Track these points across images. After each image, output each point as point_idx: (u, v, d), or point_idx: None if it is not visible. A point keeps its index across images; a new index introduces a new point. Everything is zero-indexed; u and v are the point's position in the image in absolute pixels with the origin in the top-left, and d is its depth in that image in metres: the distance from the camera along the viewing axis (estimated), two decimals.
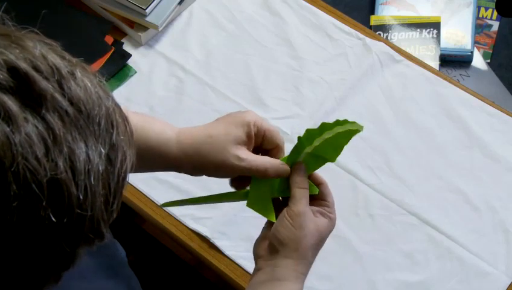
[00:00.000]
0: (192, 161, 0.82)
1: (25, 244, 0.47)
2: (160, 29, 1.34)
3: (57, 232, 0.48)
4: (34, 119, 0.47)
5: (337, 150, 0.82)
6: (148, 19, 1.33)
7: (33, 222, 0.47)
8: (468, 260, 1.13)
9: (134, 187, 1.20)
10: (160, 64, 1.34)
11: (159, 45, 1.36)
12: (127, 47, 1.35)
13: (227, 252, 1.14)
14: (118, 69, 1.32)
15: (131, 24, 1.36)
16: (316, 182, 0.85)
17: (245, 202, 1.21)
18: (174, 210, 1.18)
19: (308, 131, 0.80)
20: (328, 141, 0.79)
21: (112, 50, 1.33)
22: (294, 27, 1.37)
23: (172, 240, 1.19)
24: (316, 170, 0.85)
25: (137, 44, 1.36)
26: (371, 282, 1.12)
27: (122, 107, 0.56)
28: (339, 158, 0.84)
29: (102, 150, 0.50)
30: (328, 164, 0.84)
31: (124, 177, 0.54)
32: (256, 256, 0.84)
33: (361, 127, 0.78)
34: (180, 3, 1.36)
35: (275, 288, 0.80)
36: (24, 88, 0.47)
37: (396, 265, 1.13)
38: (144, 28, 1.35)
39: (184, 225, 1.17)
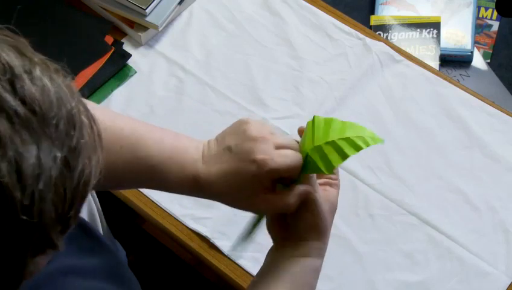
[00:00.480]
0: (217, 196, 0.79)
1: None
2: (160, 29, 1.34)
3: (1, 239, 0.46)
4: None
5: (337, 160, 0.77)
6: (148, 19, 1.33)
7: None
8: (468, 260, 1.13)
9: None
10: (160, 64, 1.34)
11: (159, 45, 1.36)
12: (127, 47, 1.35)
13: (227, 252, 1.14)
14: (118, 69, 1.32)
15: (131, 24, 1.36)
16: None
17: None
18: (174, 210, 1.18)
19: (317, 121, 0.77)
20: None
21: (112, 50, 1.33)
22: (294, 27, 1.37)
23: (172, 240, 1.18)
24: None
25: (137, 44, 1.36)
26: (371, 282, 1.12)
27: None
28: None
29: (58, 154, 0.47)
30: None
31: (87, 183, 0.50)
32: (273, 238, 0.83)
33: (381, 140, 0.77)
34: (180, 3, 1.36)
35: (292, 264, 0.80)
36: None
37: (396, 265, 1.13)
38: (143, 28, 1.35)
39: (184, 225, 1.17)
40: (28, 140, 0.46)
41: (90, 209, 1.10)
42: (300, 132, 0.81)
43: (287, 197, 0.75)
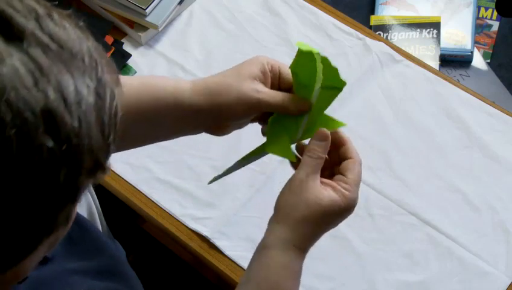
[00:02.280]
0: (208, 103, 0.80)
1: (28, 176, 0.47)
2: (160, 29, 1.34)
3: (58, 162, 0.48)
4: (18, 54, 0.47)
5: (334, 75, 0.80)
6: (148, 19, 1.33)
7: (33, 151, 0.47)
8: (468, 260, 1.13)
9: (134, 187, 1.20)
10: (160, 64, 1.34)
11: (159, 45, 1.36)
12: (127, 47, 1.35)
13: (227, 252, 1.14)
14: (118, 69, 1.31)
15: (131, 24, 1.36)
16: (338, 143, 0.80)
17: (244, 202, 1.22)
18: (174, 210, 1.18)
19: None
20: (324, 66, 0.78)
21: (112, 50, 1.33)
22: (294, 27, 1.37)
23: (172, 240, 1.19)
24: (330, 102, 0.82)
25: (137, 44, 1.36)
26: (371, 282, 1.12)
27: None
28: None
29: (90, 84, 0.51)
30: None
31: (116, 114, 0.54)
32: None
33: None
34: (180, 3, 1.36)
35: (261, 256, 0.78)
36: (3, 25, 0.48)
37: (396, 265, 1.13)
38: (144, 28, 1.35)
39: (184, 225, 1.17)
40: (63, 70, 0.49)
41: (89, 209, 1.10)
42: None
43: (277, 92, 0.79)
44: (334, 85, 0.80)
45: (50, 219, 0.51)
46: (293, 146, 0.82)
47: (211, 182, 0.91)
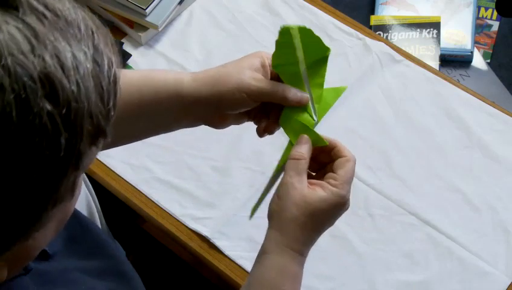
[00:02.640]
0: (208, 93, 0.81)
1: (29, 141, 0.47)
2: (160, 29, 1.34)
3: (58, 126, 0.48)
4: (14, 22, 0.48)
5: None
6: (148, 19, 1.33)
7: (32, 115, 0.47)
8: (468, 260, 1.13)
9: (134, 187, 1.20)
10: (160, 64, 1.34)
11: (159, 45, 1.36)
12: (127, 47, 1.35)
13: (227, 252, 1.14)
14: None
15: (131, 24, 1.36)
16: (328, 147, 0.81)
17: (244, 202, 1.22)
18: (174, 210, 1.18)
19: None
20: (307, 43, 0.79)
21: None
22: None
23: (172, 240, 1.19)
24: (324, 74, 0.85)
25: (137, 44, 1.36)
26: (371, 282, 1.12)
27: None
28: None
29: (87, 51, 0.51)
30: None
31: (115, 81, 0.54)
32: None
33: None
34: (180, 3, 1.36)
35: (260, 261, 0.78)
36: None
37: (396, 265, 1.13)
38: (144, 28, 1.35)
39: (184, 225, 1.17)
40: (60, 38, 0.50)
41: (89, 209, 1.10)
42: None
43: (276, 83, 0.81)
44: (320, 56, 0.81)
45: (54, 185, 0.51)
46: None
47: (251, 215, 0.89)
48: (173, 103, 0.83)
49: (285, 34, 0.78)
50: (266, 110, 0.84)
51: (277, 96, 0.80)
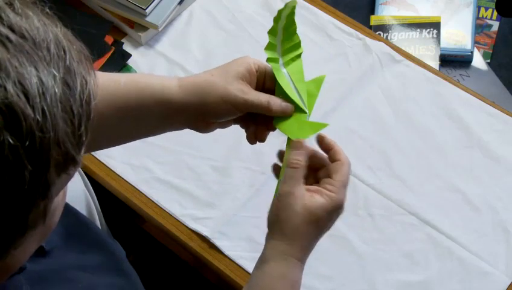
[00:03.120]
0: (195, 101, 0.81)
1: None
2: (160, 29, 1.34)
3: (21, 158, 0.47)
4: None
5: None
6: (148, 19, 1.33)
7: None
8: (468, 260, 1.13)
9: (134, 187, 1.20)
10: (160, 64, 1.34)
11: (159, 45, 1.36)
12: (127, 47, 1.35)
13: (227, 252, 1.14)
14: (118, 69, 1.32)
15: (131, 24, 1.36)
16: (326, 148, 0.82)
17: (244, 202, 1.22)
18: (174, 210, 1.18)
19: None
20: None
21: (112, 50, 1.33)
22: None
23: (172, 240, 1.18)
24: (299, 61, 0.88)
25: (137, 44, 1.36)
26: (371, 282, 1.12)
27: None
28: None
29: (56, 74, 0.49)
30: None
31: (88, 102, 0.52)
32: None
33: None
34: (180, 3, 1.36)
35: (260, 267, 0.79)
36: None
37: (396, 265, 1.13)
38: (144, 28, 1.35)
39: (184, 225, 1.17)
40: (25, 62, 0.47)
41: (89, 210, 1.10)
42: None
43: (262, 94, 0.81)
44: (294, 53, 0.86)
45: (20, 218, 0.49)
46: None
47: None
48: (158, 109, 0.83)
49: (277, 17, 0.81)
50: (253, 115, 0.84)
51: (262, 108, 0.81)
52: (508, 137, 1.24)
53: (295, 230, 0.77)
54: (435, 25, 1.85)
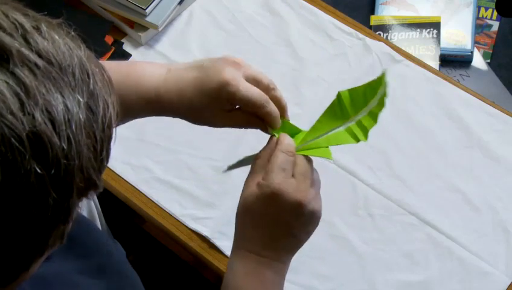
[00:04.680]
0: (184, 110, 0.80)
1: (16, 202, 0.47)
2: (160, 29, 1.34)
3: (46, 186, 0.47)
4: (3, 76, 0.46)
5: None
6: (148, 19, 1.33)
7: (19, 177, 0.46)
8: (468, 260, 1.13)
9: (134, 187, 1.20)
10: None
11: (159, 45, 1.36)
12: (127, 47, 1.35)
13: (227, 252, 1.14)
14: None
15: (131, 24, 1.36)
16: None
17: None
18: (174, 210, 1.18)
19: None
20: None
21: (112, 50, 1.33)
22: (294, 27, 1.37)
23: (172, 240, 1.19)
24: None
25: (137, 44, 1.36)
26: (371, 282, 1.12)
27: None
28: (339, 158, 0.83)
29: (81, 99, 0.49)
30: (327, 165, 0.84)
31: (110, 126, 0.53)
32: None
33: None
34: (180, 3, 1.36)
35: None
36: None
37: (396, 265, 1.13)
38: (144, 28, 1.35)
39: (184, 225, 1.17)
40: (52, 89, 0.48)
41: (89, 210, 1.10)
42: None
43: (244, 114, 0.78)
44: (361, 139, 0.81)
45: (41, 241, 0.50)
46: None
47: (226, 171, 0.88)
48: (148, 106, 0.82)
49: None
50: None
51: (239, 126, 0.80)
52: (508, 137, 1.24)
53: (237, 220, 0.78)
54: (435, 25, 1.85)
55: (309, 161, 0.76)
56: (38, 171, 0.46)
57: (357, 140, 0.78)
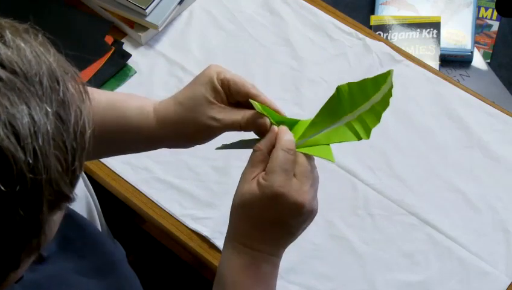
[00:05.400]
0: (172, 134, 0.80)
1: None
2: (160, 29, 1.34)
3: (12, 203, 0.46)
4: None
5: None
6: (148, 19, 1.33)
7: None
8: (468, 260, 1.13)
9: (134, 187, 1.20)
10: (160, 64, 1.34)
11: (159, 45, 1.36)
12: (127, 47, 1.35)
13: None
14: (118, 69, 1.32)
15: (131, 24, 1.36)
16: (264, 131, 0.77)
17: None
18: (174, 210, 1.18)
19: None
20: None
21: (112, 50, 1.33)
22: (294, 27, 1.37)
23: (172, 240, 1.19)
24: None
25: (137, 44, 1.36)
26: (371, 282, 1.12)
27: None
28: (339, 158, 0.83)
29: (49, 109, 0.48)
30: (327, 164, 0.84)
31: (83, 133, 0.51)
32: None
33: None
34: (180, 3, 1.36)
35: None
36: None
37: (396, 265, 1.13)
38: (144, 28, 1.35)
39: (184, 225, 1.17)
40: (17, 101, 0.46)
41: (89, 210, 1.10)
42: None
43: (235, 112, 0.77)
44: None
45: (13, 257, 0.49)
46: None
47: (219, 148, 0.85)
48: (136, 139, 0.81)
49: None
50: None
51: (236, 127, 0.78)
52: (508, 137, 1.24)
53: (232, 212, 0.76)
54: (435, 25, 1.85)
55: (309, 157, 0.76)
56: (2, 189, 0.45)
57: (359, 138, 0.77)
